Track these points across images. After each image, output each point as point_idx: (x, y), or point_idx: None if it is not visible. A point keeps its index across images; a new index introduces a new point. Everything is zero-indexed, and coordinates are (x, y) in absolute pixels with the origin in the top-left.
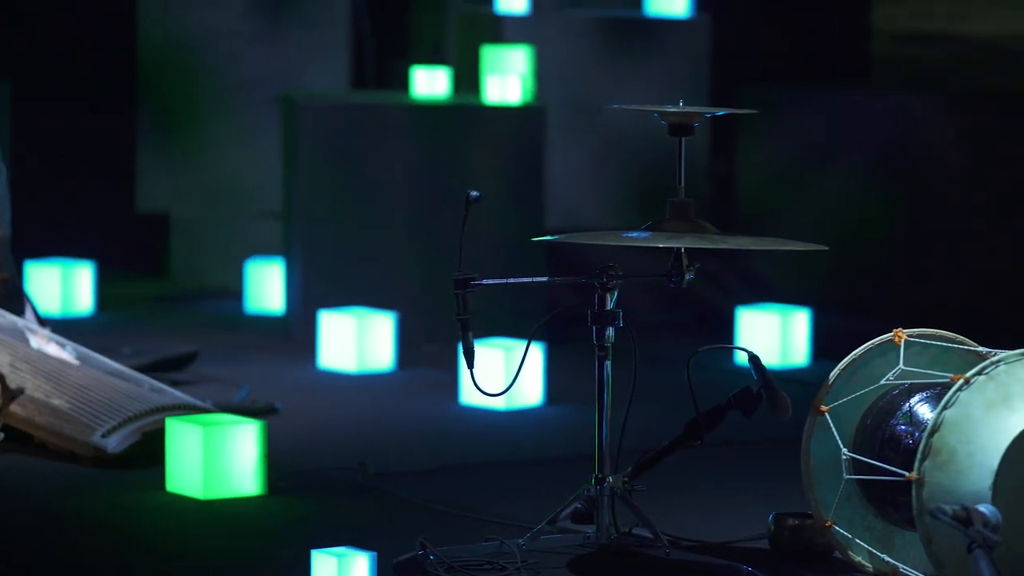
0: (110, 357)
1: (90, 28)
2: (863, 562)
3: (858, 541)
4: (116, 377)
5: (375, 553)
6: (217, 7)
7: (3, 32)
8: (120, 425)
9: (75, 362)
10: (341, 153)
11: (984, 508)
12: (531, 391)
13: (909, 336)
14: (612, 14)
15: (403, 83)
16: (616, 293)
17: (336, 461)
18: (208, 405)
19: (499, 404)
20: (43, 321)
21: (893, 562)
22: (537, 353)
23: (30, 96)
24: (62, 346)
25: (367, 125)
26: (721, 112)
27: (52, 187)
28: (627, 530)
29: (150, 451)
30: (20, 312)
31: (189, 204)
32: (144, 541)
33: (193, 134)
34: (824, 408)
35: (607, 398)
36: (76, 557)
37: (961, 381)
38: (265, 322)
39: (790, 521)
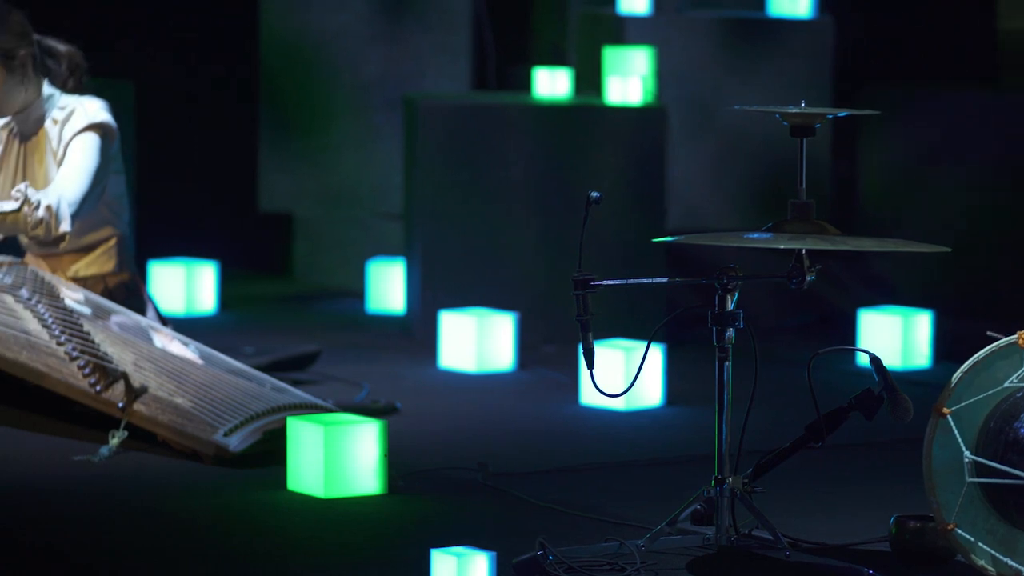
0: (233, 356)
1: (214, 29)
2: (986, 566)
3: (981, 545)
4: (238, 376)
5: (494, 553)
6: (339, 9)
7: (127, 33)
8: (242, 424)
9: (198, 361)
10: (462, 154)
11: None
12: (651, 392)
13: None
14: (734, 14)
15: (524, 86)
16: (737, 294)
17: (456, 461)
18: (329, 404)
19: (619, 405)
20: (165, 320)
21: (1016, 566)
22: (657, 354)
23: (154, 97)
24: (185, 345)
25: (488, 126)
26: (843, 113)
27: (176, 187)
28: (747, 532)
29: (271, 450)
30: (142, 312)
31: (311, 204)
32: (265, 540)
33: (316, 135)
34: (946, 410)
35: (727, 399)
36: (197, 555)
37: None
38: (386, 322)
39: (911, 524)
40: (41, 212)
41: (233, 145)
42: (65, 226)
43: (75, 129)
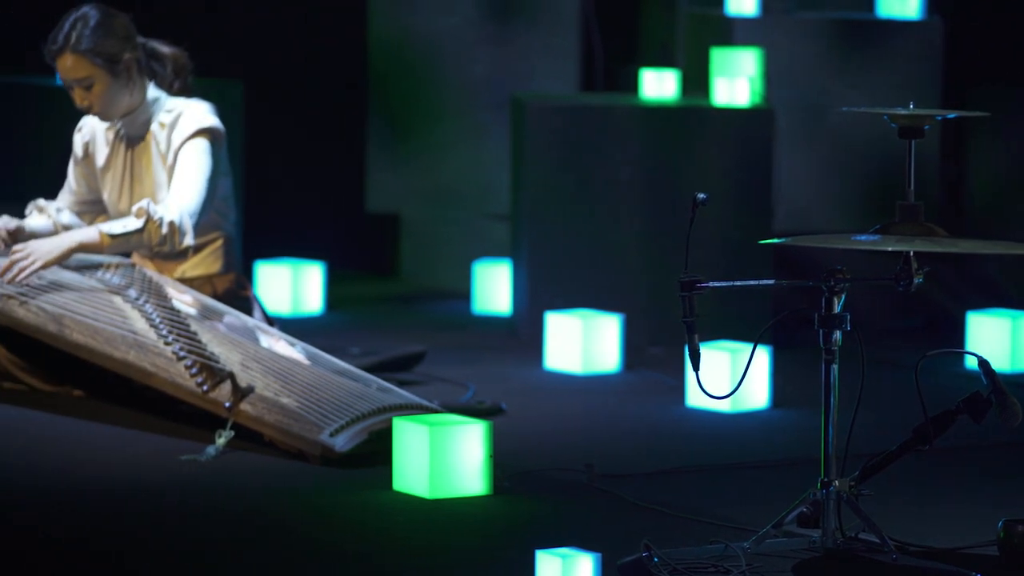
0: (339, 357)
1: (322, 29)
2: None
3: None
4: (344, 376)
5: (599, 554)
6: (447, 10)
7: (235, 33)
8: (348, 424)
9: (305, 361)
10: (569, 155)
11: None
12: (757, 394)
13: None
14: (843, 16)
15: (631, 87)
16: (844, 296)
17: (561, 462)
18: (435, 405)
19: (725, 407)
20: (272, 321)
21: None
22: (763, 356)
23: (262, 97)
24: (292, 345)
25: (595, 127)
26: (952, 115)
27: (283, 188)
28: (853, 535)
29: (377, 450)
30: (249, 312)
31: (418, 205)
32: (370, 540)
33: (423, 135)
34: None
35: (833, 402)
36: (302, 555)
37: None
38: (492, 323)
39: (1020, 528)
40: (165, 229)
41: (341, 146)
42: (188, 240)
43: (184, 135)
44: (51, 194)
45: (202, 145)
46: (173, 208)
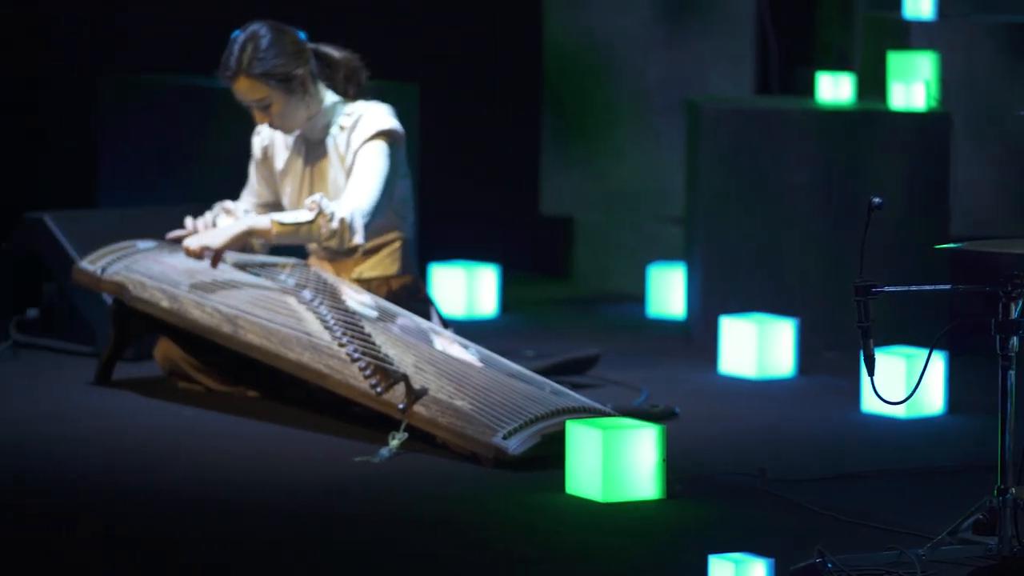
0: (513, 359)
1: (497, 31)
2: None
3: None
4: (518, 379)
5: (773, 559)
6: (622, 13)
7: (411, 35)
8: (521, 427)
9: (478, 364)
10: (744, 158)
11: None
12: (933, 400)
13: None
14: (1020, 19)
15: (807, 91)
16: (1021, 302)
17: (735, 466)
18: (608, 408)
19: (900, 412)
20: (446, 323)
21: None
22: (939, 362)
23: (437, 99)
24: (465, 348)
25: (770, 130)
26: None
27: (458, 190)
28: None
29: (550, 453)
30: (424, 314)
31: (593, 208)
32: (543, 542)
33: (597, 138)
34: None
35: (1010, 408)
36: (475, 556)
37: None
38: (666, 326)
39: None
40: (335, 224)
41: (516, 148)
42: (358, 239)
43: (363, 137)
44: (227, 195)
45: (380, 147)
46: (346, 206)
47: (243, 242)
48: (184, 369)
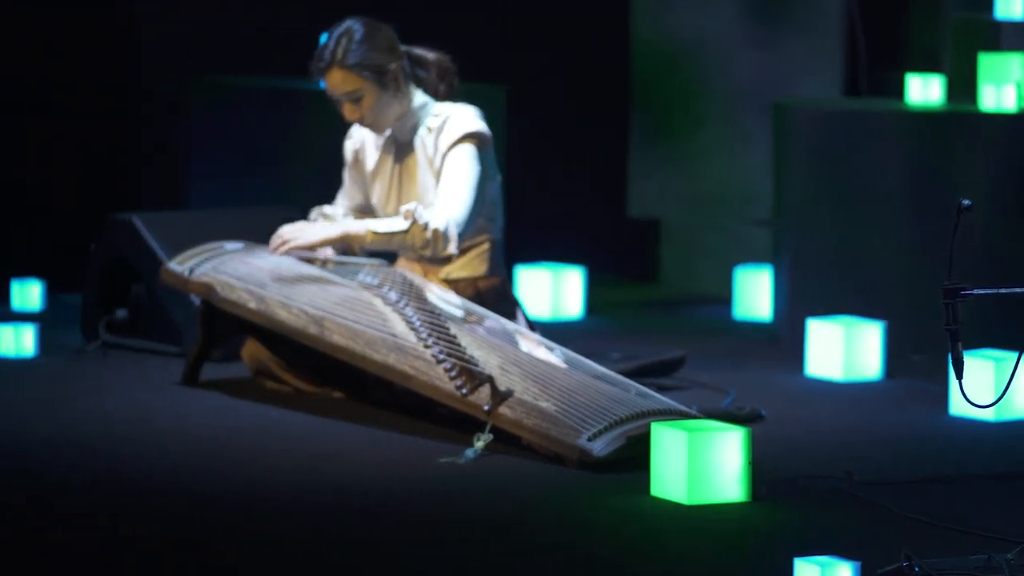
0: (598, 361)
1: (586, 32)
2: None
3: None
4: (603, 381)
5: (858, 563)
6: (710, 14)
7: (499, 38)
8: (606, 429)
9: (563, 366)
10: (833, 160)
11: None
12: (1022, 403)
13: None
14: None
15: (896, 92)
16: None
17: (821, 469)
18: (693, 411)
19: (989, 416)
20: (532, 325)
21: None
22: None
23: (524, 101)
24: (550, 349)
25: (859, 132)
26: None
27: (545, 192)
28: None
29: (635, 455)
30: (511, 316)
31: (680, 210)
32: (628, 544)
33: (685, 139)
34: None
35: None
36: (559, 559)
37: None
38: (753, 329)
39: None
40: (429, 234)
41: (603, 150)
42: (452, 248)
43: (451, 139)
44: (314, 197)
45: (469, 151)
46: (440, 215)
47: (336, 245)
48: (272, 369)
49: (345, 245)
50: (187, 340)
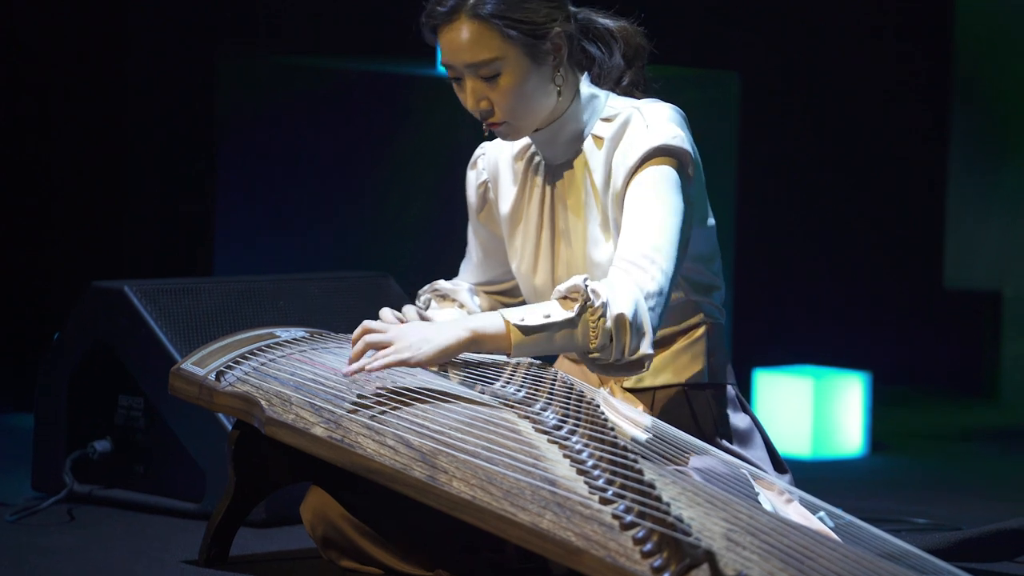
0: (889, 530)
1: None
2: None
3: None
4: (902, 565)
5: None
6: None
7: (733, 21)
8: None
9: (831, 535)
10: None
11: None
12: None
13: None
14: None
15: None
16: None
17: None
18: None
19: None
20: (782, 465)
21: None
22: None
23: (760, 90)
24: (812, 509)
25: None
26: None
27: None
28: None
29: None
30: (745, 448)
31: None
32: None
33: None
34: None
35: None
36: None
37: None
38: None
39: None
40: (609, 323)
41: (890, 172)
42: (645, 346)
43: (637, 157)
44: (423, 267)
45: (666, 177)
46: (624, 291)
47: (456, 356)
48: (348, 537)
49: (476, 351)
50: (210, 491)
